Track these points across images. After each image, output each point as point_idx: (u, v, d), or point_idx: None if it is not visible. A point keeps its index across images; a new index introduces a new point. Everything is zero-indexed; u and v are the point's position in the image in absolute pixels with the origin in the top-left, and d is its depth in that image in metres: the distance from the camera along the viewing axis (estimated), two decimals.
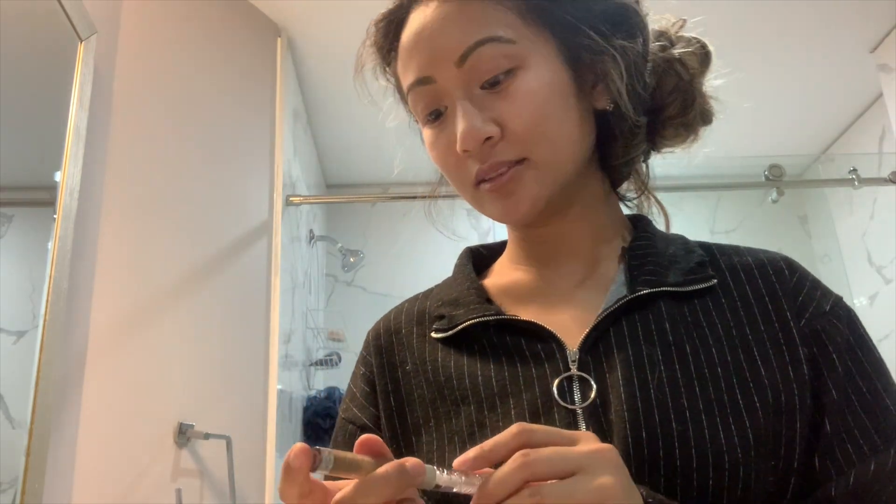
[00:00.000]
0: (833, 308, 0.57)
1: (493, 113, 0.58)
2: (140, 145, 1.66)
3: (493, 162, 0.58)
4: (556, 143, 0.59)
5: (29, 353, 1.19)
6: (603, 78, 0.62)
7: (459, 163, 0.61)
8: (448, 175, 0.64)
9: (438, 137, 0.62)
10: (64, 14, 1.36)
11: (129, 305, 1.53)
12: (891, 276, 2.70)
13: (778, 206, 2.50)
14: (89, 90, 1.43)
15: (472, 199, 0.63)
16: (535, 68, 0.58)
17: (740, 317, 0.57)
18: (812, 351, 0.55)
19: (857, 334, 0.57)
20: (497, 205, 0.60)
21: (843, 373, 0.54)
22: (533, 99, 0.57)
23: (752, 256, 0.62)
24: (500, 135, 0.57)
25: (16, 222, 1.24)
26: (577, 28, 0.61)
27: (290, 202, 2.27)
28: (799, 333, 0.56)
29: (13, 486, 1.12)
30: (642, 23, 0.63)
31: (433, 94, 0.61)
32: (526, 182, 0.59)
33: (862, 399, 0.53)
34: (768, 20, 2.34)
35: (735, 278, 0.60)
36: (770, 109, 2.82)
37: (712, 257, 0.62)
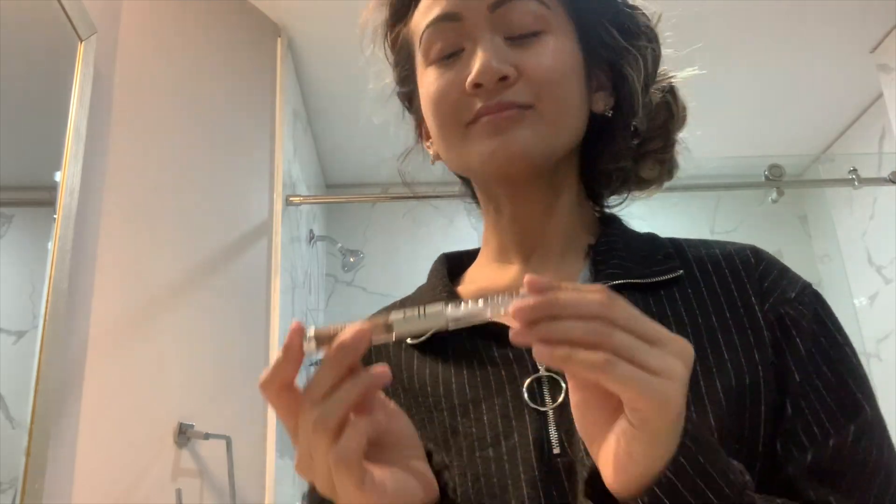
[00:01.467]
0: (799, 294, 0.57)
1: (514, 58, 0.58)
2: (140, 145, 1.66)
3: (501, 100, 0.57)
4: (564, 105, 0.59)
5: (29, 353, 1.19)
6: (606, 83, 0.63)
7: (461, 99, 0.59)
8: (440, 111, 0.61)
9: (445, 73, 0.60)
10: (64, 14, 1.36)
11: (129, 305, 1.53)
12: (891, 276, 2.70)
13: (778, 206, 2.49)
14: (89, 90, 1.43)
15: (459, 139, 0.60)
16: (560, 37, 0.60)
17: (706, 306, 0.57)
18: (776, 335, 0.55)
19: (821, 320, 0.56)
20: (487, 142, 0.58)
21: (806, 357, 0.54)
22: (556, 56, 0.59)
23: (719, 248, 0.62)
24: (516, 77, 0.57)
25: (16, 222, 1.24)
26: (599, 22, 0.62)
27: (290, 202, 2.27)
28: (764, 318, 0.56)
29: (13, 486, 1.12)
30: (658, 45, 0.65)
31: (455, 33, 0.60)
32: (525, 126, 0.58)
33: (824, 382, 0.53)
34: (768, 20, 2.34)
35: (702, 268, 0.60)
36: (770, 109, 2.82)
37: (679, 251, 0.62)
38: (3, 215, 1.21)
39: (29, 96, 1.31)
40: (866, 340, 2.80)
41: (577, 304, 0.38)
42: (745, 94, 2.68)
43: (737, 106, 2.73)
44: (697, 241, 0.65)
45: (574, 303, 0.38)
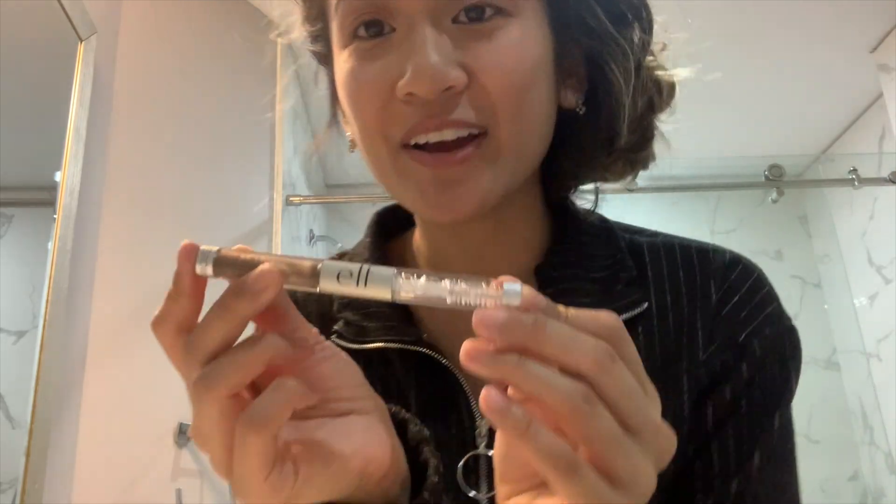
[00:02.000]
0: (748, 337, 0.49)
1: (465, 56, 0.43)
2: (140, 145, 1.66)
3: (447, 119, 0.43)
4: (529, 124, 0.46)
5: (29, 353, 1.19)
6: (578, 72, 0.50)
7: (388, 108, 0.44)
8: (360, 118, 0.46)
9: (367, 65, 0.45)
10: (64, 14, 1.36)
11: (129, 305, 1.53)
12: (891, 276, 2.70)
13: (778, 206, 2.49)
14: (89, 90, 1.43)
15: (388, 165, 0.46)
16: (527, 22, 0.45)
17: (657, 350, 0.49)
18: (709, 383, 0.49)
19: (763, 372, 0.49)
20: (430, 195, 0.44)
21: (728, 405, 0.48)
22: (519, 54, 0.44)
23: (684, 258, 0.52)
24: (465, 85, 0.43)
25: (16, 222, 1.24)
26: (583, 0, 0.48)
27: (290, 202, 2.27)
28: (706, 368, 0.49)
29: (13, 486, 1.12)
30: (651, 22, 0.51)
31: (381, 8, 0.44)
32: (479, 170, 0.44)
33: (733, 443, 0.48)
34: (768, 20, 2.34)
35: (659, 292, 0.51)
36: (770, 109, 2.82)
37: (641, 269, 0.52)
38: (3, 215, 1.21)
39: (29, 96, 1.31)
40: (866, 340, 2.80)
41: (570, 345, 0.29)
42: (745, 94, 2.68)
43: (737, 106, 2.73)
44: (662, 241, 0.54)
45: (567, 342, 0.29)
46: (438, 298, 0.30)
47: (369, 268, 0.31)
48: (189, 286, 0.33)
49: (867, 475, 2.80)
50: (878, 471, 2.73)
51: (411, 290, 0.30)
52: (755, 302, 0.50)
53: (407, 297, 0.30)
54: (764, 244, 3.08)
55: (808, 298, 3.08)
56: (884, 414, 2.66)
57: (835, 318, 3.04)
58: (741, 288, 0.51)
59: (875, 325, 2.76)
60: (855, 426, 2.86)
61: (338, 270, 0.31)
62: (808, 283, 3.11)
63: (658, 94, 0.53)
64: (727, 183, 2.80)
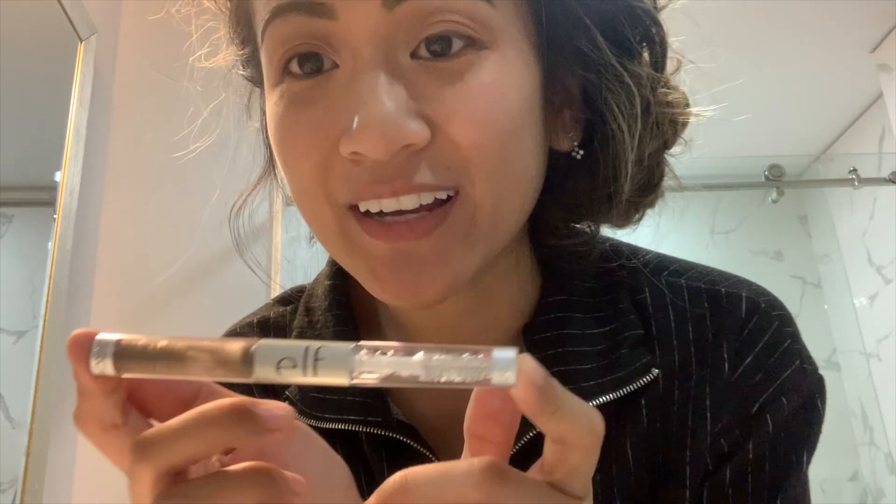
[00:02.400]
0: (760, 411, 0.42)
1: (427, 102, 0.34)
2: (140, 145, 1.66)
3: (404, 184, 0.34)
4: (509, 183, 0.37)
5: (29, 353, 1.19)
6: (574, 108, 0.41)
7: (328, 166, 0.36)
8: (296, 182, 0.38)
9: (302, 112, 0.36)
10: (64, 14, 1.36)
11: (129, 305, 1.53)
12: (891, 276, 2.70)
13: (778, 206, 2.49)
14: (89, 90, 1.43)
15: (334, 233, 0.37)
16: (506, 56, 0.36)
17: (658, 430, 0.42)
18: (713, 468, 0.43)
19: (773, 452, 0.42)
20: (390, 278, 0.36)
21: (749, 461, 0.42)
22: (495, 97, 0.35)
23: (693, 313, 0.43)
24: (426, 141, 0.34)
25: (16, 222, 1.24)
26: (576, 18, 0.38)
27: (289, 202, 2.27)
28: (711, 451, 0.42)
29: (13, 486, 1.12)
30: (665, 50, 0.42)
31: (320, 34, 0.35)
32: (450, 241, 0.36)
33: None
34: (768, 20, 2.34)
35: (666, 356, 0.42)
36: (770, 109, 2.82)
37: (645, 323, 0.43)
38: (3, 215, 1.21)
39: (29, 96, 1.31)
40: (866, 340, 2.80)
41: (445, 487, 0.24)
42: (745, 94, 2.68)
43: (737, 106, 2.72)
44: (668, 282, 0.45)
45: (441, 486, 0.24)
46: (410, 377, 0.23)
47: (318, 348, 0.24)
48: (94, 387, 0.26)
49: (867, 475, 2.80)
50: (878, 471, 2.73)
51: (375, 371, 0.24)
52: (772, 362, 0.43)
53: (369, 380, 0.24)
54: (764, 244, 3.08)
55: (808, 298, 3.07)
56: (884, 414, 2.66)
57: (835, 318, 3.04)
58: (757, 344, 0.43)
59: (875, 325, 2.76)
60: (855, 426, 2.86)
61: (278, 357, 0.24)
62: (808, 283, 3.11)
63: (673, 133, 0.44)
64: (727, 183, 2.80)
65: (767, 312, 0.44)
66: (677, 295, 0.44)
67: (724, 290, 0.44)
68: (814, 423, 0.44)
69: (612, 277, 0.45)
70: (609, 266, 0.46)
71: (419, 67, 0.35)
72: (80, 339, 0.26)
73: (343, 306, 0.46)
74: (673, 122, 0.44)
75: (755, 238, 3.08)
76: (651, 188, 0.45)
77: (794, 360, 0.43)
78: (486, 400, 0.26)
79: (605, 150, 0.40)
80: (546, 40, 0.39)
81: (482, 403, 0.26)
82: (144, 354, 0.25)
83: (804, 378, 0.43)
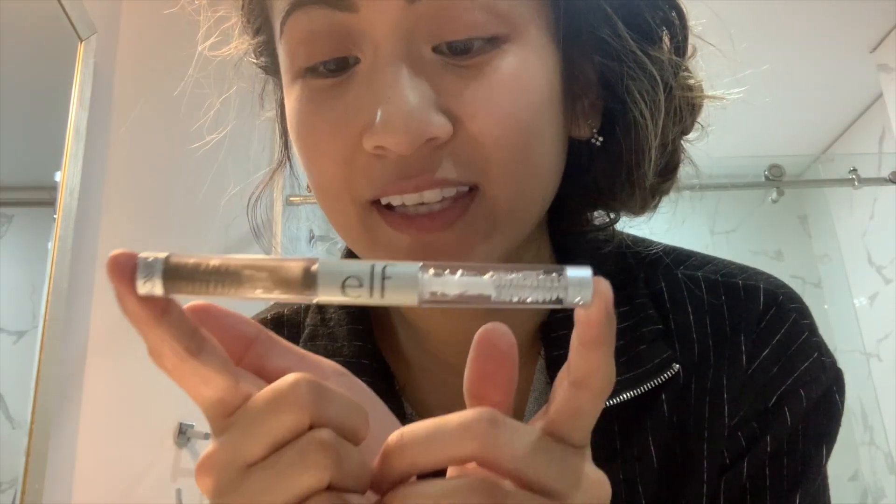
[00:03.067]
0: (778, 403, 0.42)
1: (449, 96, 0.35)
2: (140, 145, 1.66)
3: (427, 178, 0.34)
4: (530, 177, 0.37)
5: (29, 353, 1.19)
6: (593, 96, 0.41)
7: (352, 162, 0.36)
8: (317, 174, 0.38)
9: (325, 108, 0.36)
10: (64, 14, 1.36)
11: None
12: (891, 276, 2.70)
13: (778, 206, 2.49)
14: (89, 90, 1.43)
15: (356, 228, 0.37)
16: (527, 48, 0.36)
17: (676, 424, 0.42)
18: (730, 462, 0.42)
19: (791, 446, 0.42)
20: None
21: (767, 457, 0.42)
22: (517, 92, 0.35)
23: (711, 306, 0.43)
24: (450, 135, 0.34)
25: (16, 222, 1.24)
26: (597, 7, 0.38)
27: (289, 202, 2.27)
28: (729, 445, 0.42)
29: (13, 486, 1.12)
30: (686, 36, 0.42)
31: (341, 31, 0.35)
32: (471, 234, 0.36)
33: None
34: (768, 20, 2.34)
35: (685, 350, 0.42)
36: (770, 109, 2.82)
37: (663, 317, 0.43)
38: (3, 215, 1.21)
39: (29, 96, 1.31)
40: (866, 340, 2.80)
41: (436, 439, 0.24)
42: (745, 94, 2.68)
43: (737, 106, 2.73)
44: (685, 276, 0.45)
45: (432, 437, 0.24)
46: (481, 297, 0.22)
47: (384, 266, 0.22)
48: (141, 311, 0.25)
49: (867, 475, 2.80)
50: (878, 471, 2.73)
51: (445, 291, 0.22)
52: (790, 354, 0.42)
53: (439, 298, 0.22)
54: (764, 244, 3.08)
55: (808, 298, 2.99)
56: (884, 414, 2.66)
57: (835, 318, 3.04)
58: (774, 337, 0.42)
59: (875, 325, 2.76)
60: (855, 426, 2.86)
61: (343, 276, 0.22)
62: (808, 283, 3.11)
63: (691, 115, 0.44)
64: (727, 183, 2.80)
65: (785, 305, 0.43)
66: (695, 288, 0.44)
67: (741, 283, 0.44)
68: (833, 417, 0.43)
69: (629, 272, 0.45)
70: (626, 261, 0.46)
71: (440, 62, 0.35)
72: (121, 258, 0.24)
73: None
74: (692, 106, 0.43)
75: (755, 238, 3.09)
76: (670, 173, 0.45)
77: (811, 353, 0.43)
78: (483, 362, 0.26)
79: (627, 138, 0.40)
80: (566, 30, 0.39)
81: (479, 365, 0.26)
82: (197, 273, 0.24)
83: (822, 370, 0.43)
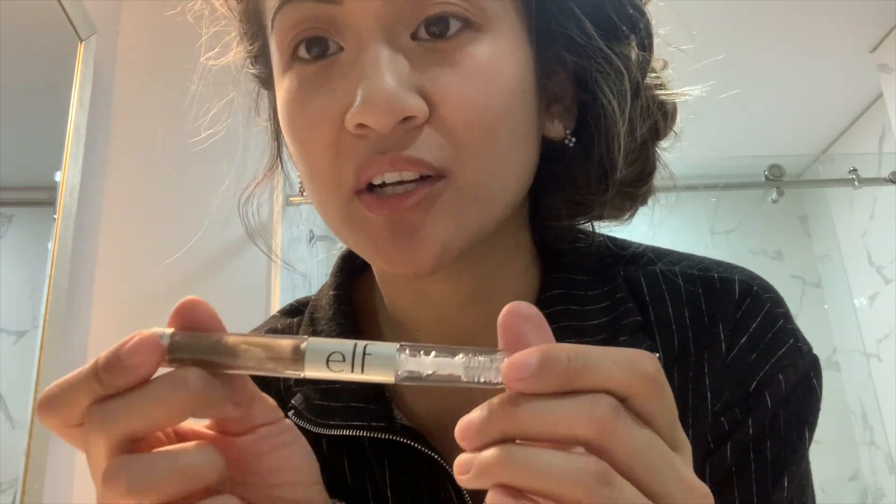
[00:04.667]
0: (758, 388, 0.43)
1: (425, 81, 0.37)
2: (140, 145, 1.67)
3: (403, 154, 0.36)
4: (498, 164, 0.38)
5: (29, 353, 1.19)
6: (565, 96, 0.43)
7: (338, 144, 0.38)
8: (306, 162, 0.40)
9: (312, 93, 0.38)
10: (64, 14, 1.36)
11: (129, 305, 1.53)
12: (891, 276, 2.70)
13: (778, 206, 2.50)
14: (89, 90, 1.43)
15: (340, 215, 0.40)
16: (500, 39, 0.38)
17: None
18: (712, 446, 0.44)
19: (773, 429, 0.43)
20: (385, 243, 0.38)
21: (733, 471, 0.43)
22: (488, 79, 0.37)
23: (689, 297, 0.45)
24: (425, 115, 0.36)
25: (16, 222, 1.24)
26: (566, 8, 0.41)
27: (290, 202, 2.27)
28: (713, 431, 0.43)
29: (13, 486, 1.12)
30: (651, 36, 0.44)
31: (327, 21, 0.38)
32: (438, 214, 0.37)
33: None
34: (768, 20, 2.34)
35: (665, 340, 0.44)
36: (770, 109, 2.82)
37: (643, 310, 0.45)
38: (3, 215, 1.21)
39: (29, 96, 1.31)
40: (866, 340, 2.80)
41: (557, 412, 0.24)
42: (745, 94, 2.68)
43: (737, 106, 2.73)
44: (662, 270, 0.47)
45: (553, 410, 0.24)
46: (451, 377, 0.25)
47: (365, 346, 0.25)
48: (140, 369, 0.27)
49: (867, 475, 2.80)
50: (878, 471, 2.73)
51: (418, 370, 0.25)
52: (766, 341, 0.44)
53: (413, 378, 0.25)
54: (764, 244, 3.08)
55: (808, 298, 3.07)
56: (884, 414, 2.66)
57: (835, 318, 3.04)
58: (750, 325, 0.44)
59: (875, 325, 2.76)
60: (855, 426, 2.86)
61: (327, 351, 0.25)
62: (808, 283, 3.11)
63: (663, 118, 0.45)
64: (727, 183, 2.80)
65: (760, 295, 0.45)
66: (673, 281, 0.46)
67: (717, 276, 0.46)
68: (812, 401, 0.45)
69: (608, 269, 0.47)
70: (605, 259, 0.48)
71: (418, 48, 0.37)
72: (146, 341, 0.27)
73: (347, 315, 0.48)
74: (662, 105, 0.46)
75: (755, 238, 3.09)
76: (644, 179, 0.47)
77: (787, 339, 0.44)
78: (516, 333, 0.26)
79: (598, 130, 0.42)
80: (538, 29, 0.41)
81: (511, 334, 0.26)
82: (198, 347, 0.27)
83: (799, 356, 0.44)
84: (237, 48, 0.50)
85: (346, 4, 0.37)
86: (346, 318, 0.48)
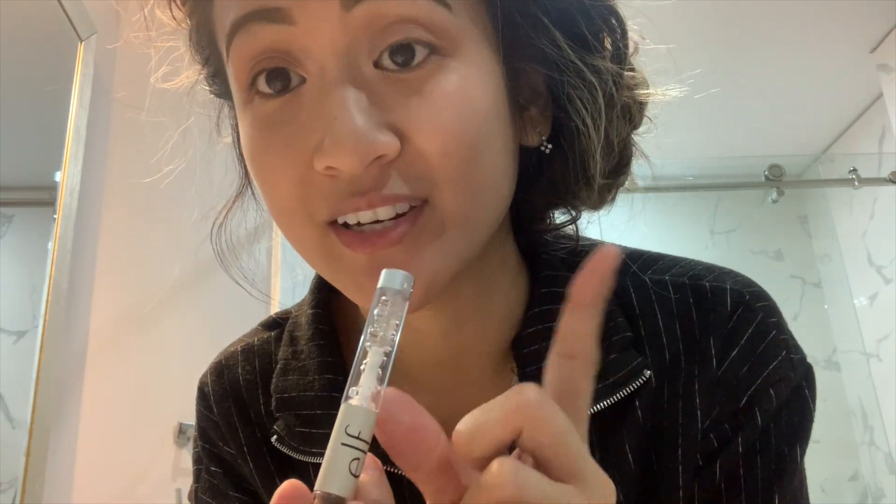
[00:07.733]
0: (748, 404, 0.42)
1: (395, 114, 0.35)
2: (140, 145, 1.67)
3: (378, 195, 0.35)
4: (479, 188, 0.37)
5: (29, 353, 1.19)
6: (540, 105, 0.42)
7: (306, 183, 0.36)
8: (275, 203, 0.39)
9: (275, 133, 0.36)
10: (64, 14, 1.36)
11: (129, 305, 1.53)
12: (891, 276, 2.70)
13: (778, 206, 2.49)
14: (89, 90, 1.43)
15: (316, 250, 0.39)
16: (468, 62, 0.37)
17: (649, 430, 0.42)
18: (701, 463, 0.43)
19: (764, 444, 0.42)
20: (371, 286, 0.33)
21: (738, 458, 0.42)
22: (461, 106, 0.36)
23: (680, 309, 0.44)
24: (397, 151, 0.35)
25: (16, 222, 1.24)
26: (537, 21, 0.39)
27: None
28: (702, 449, 0.42)
29: (13, 486, 1.12)
30: (626, 45, 0.43)
31: (283, 48, 0.35)
32: (423, 248, 0.36)
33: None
34: (768, 20, 2.34)
35: (656, 355, 0.43)
36: (770, 109, 2.82)
37: (633, 324, 0.44)
38: (3, 215, 1.21)
39: (29, 96, 1.31)
40: (866, 340, 2.80)
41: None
42: (744, 94, 2.68)
43: (737, 106, 2.73)
44: (652, 279, 0.45)
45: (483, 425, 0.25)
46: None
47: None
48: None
49: (867, 475, 2.80)
50: (878, 471, 2.73)
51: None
52: (758, 353, 0.43)
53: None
54: (764, 244, 3.08)
55: (808, 298, 3.07)
56: (884, 414, 2.66)
57: (835, 318, 3.04)
58: (741, 337, 0.43)
59: (875, 325, 2.76)
60: (855, 426, 2.86)
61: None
62: (808, 283, 3.11)
63: (639, 112, 0.44)
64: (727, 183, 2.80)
65: (752, 304, 0.44)
66: (663, 293, 0.45)
67: (708, 285, 0.45)
68: (804, 414, 0.44)
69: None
70: None
71: (383, 77, 0.35)
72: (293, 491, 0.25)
73: (326, 335, 0.47)
74: (639, 104, 0.44)
75: (755, 238, 3.08)
76: (622, 169, 0.45)
77: (779, 352, 0.43)
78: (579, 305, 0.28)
79: (571, 146, 0.41)
80: (506, 42, 0.39)
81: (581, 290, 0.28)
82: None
83: (791, 368, 0.43)
84: (189, 69, 0.49)
85: (300, 23, 0.34)
86: (324, 338, 0.47)
